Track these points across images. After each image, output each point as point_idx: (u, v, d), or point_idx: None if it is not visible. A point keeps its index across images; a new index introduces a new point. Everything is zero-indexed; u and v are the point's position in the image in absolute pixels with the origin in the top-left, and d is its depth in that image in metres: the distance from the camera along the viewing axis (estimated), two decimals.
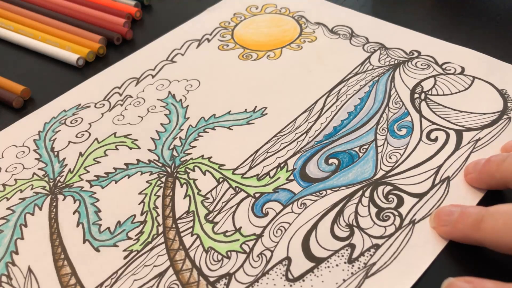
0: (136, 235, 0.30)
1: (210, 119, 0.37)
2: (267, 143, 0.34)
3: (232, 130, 0.36)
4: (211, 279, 0.27)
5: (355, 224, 0.29)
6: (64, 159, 0.35)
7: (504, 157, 0.28)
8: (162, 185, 0.32)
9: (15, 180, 0.34)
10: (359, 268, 0.27)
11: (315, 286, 0.26)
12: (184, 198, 0.31)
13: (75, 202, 0.32)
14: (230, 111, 0.37)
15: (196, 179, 0.33)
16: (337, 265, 0.27)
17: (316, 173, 0.32)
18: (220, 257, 0.28)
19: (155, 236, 0.30)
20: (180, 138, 0.36)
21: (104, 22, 0.47)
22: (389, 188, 0.30)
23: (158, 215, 0.31)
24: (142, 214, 0.31)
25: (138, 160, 0.34)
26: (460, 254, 0.27)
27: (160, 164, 0.34)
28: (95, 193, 0.33)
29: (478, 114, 0.35)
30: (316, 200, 0.30)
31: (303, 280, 0.26)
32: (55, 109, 0.39)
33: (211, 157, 0.34)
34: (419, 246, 0.27)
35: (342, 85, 0.38)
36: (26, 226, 0.31)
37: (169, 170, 0.33)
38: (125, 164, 0.34)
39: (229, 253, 0.28)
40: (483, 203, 0.29)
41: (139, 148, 0.35)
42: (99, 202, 0.32)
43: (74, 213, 0.32)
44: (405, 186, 0.30)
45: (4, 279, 0.28)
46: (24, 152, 0.36)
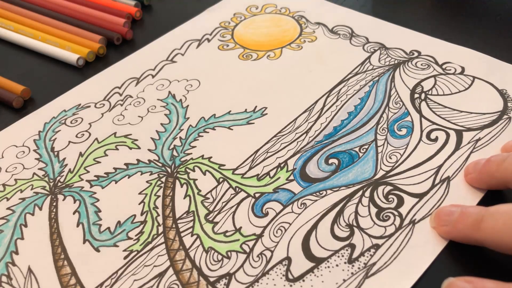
0: (136, 235, 0.30)
1: (210, 119, 0.37)
2: (267, 143, 0.34)
3: (232, 130, 0.36)
4: (211, 279, 0.27)
5: (355, 224, 0.29)
6: (64, 159, 0.35)
7: (504, 157, 0.28)
8: (162, 185, 0.32)
9: (15, 180, 0.34)
10: (359, 268, 0.27)
11: (315, 286, 0.26)
12: (184, 198, 0.31)
13: (75, 202, 0.32)
14: (230, 111, 0.37)
15: (196, 179, 0.33)
16: (337, 265, 0.27)
17: (316, 173, 0.32)
18: (220, 257, 0.28)
19: (155, 236, 0.30)
20: (180, 138, 0.36)
21: (104, 22, 0.47)
22: (389, 188, 0.30)
23: (158, 215, 0.31)
24: (142, 214, 0.31)
25: (138, 160, 0.34)
26: (460, 254, 0.27)
27: (160, 164, 0.34)
28: (95, 193, 0.33)
29: (478, 114, 0.35)
30: (316, 200, 0.30)
31: (303, 280, 0.26)
32: (55, 109, 0.39)
33: (211, 157, 0.34)
34: (419, 246, 0.27)
35: (342, 85, 0.38)
36: (26, 226, 0.31)
37: (169, 170, 0.33)
38: (125, 164, 0.34)
39: (229, 253, 0.28)
40: (483, 203, 0.29)
41: (139, 148, 0.35)
42: (99, 202, 0.32)
43: (74, 213, 0.32)
44: (405, 186, 0.30)
45: (4, 279, 0.28)
46: (24, 152, 0.36)
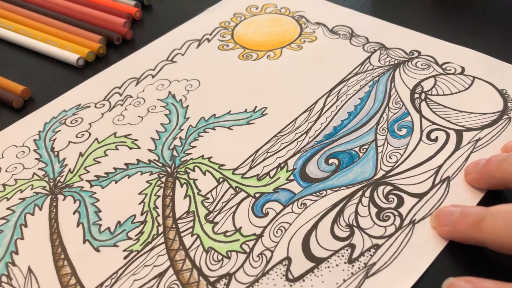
0: (136, 235, 0.30)
1: (210, 119, 0.37)
2: (267, 143, 0.34)
3: (232, 130, 0.36)
4: (211, 279, 0.27)
5: (355, 224, 0.29)
6: (64, 159, 0.35)
7: (504, 157, 0.28)
8: (162, 185, 0.32)
9: (15, 180, 0.34)
10: (359, 268, 0.27)
11: (315, 286, 0.26)
12: (184, 198, 0.31)
13: (75, 202, 0.32)
14: (230, 111, 0.37)
15: (196, 179, 0.33)
16: (337, 265, 0.27)
17: (316, 173, 0.32)
18: (220, 257, 0.28)
19: (155, 236, 0.29)
20: (180, 138, 0.36)
21: (104, 22, 0.47)
22: (389, 188, 0.30)
23: (158, 215, 0.31)
24: (142, 214, 0.31)
25: (138, 160, 0.34)
26: (460, 254, 0.27)
27: (160, 164, 0.34)
28: (95, 193, 0.33)
29: (478, 114, 0.35)
30: (316, 200, 0.30)
31: (303, 280, 0.26)
32: (55, 109, 0.39)
33: (211, 157, 0.34)
34: (419, 246, 0.27)
35: (342, 85, 0.38)
36: (26, 226, 0.31)
37: (169, 170, 0.33)
38: (125, 164, 0.34)
39: (229, 253, 0.28)
40: (483, 203, 0.29)
41: (139, 148, 0.35)
42: (99, 202, 0.32)
43: (74, 213, 0.32)
44: (405, 186, 0.30)
45: (4, 279, 0.28)
46: (24, 152, 0.36)
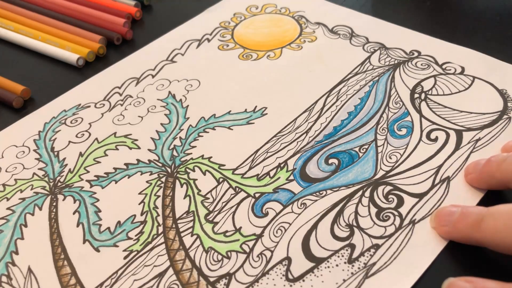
0: (136, 235, 0.30)
1: (210, 119, 0.37)
2: (267, 143, 0.34)
3: (232, 130, 0.36)
4: (211, 279, 0.27)
5: (355, 224, 0.29)
6: (64, 159, 0.35)
7: (504, 157, 0.28)
8: (162, 185, 0.32)
9: (15, 180, 0.34)
10: (359, 268, 0.27)
11: (315, 286, 0.26)
12: (184, 198, 0.31)
13: (75, 202, 0.32)
14: (230, 111, 0.37)
15: (196, 179, 0.33)
16: (337, 265, 0.27)
17: (316, 173, 0.32)
18: (220, 257, 0.28)
19: (155, 236, 0.29)
20: (180, 138, 0.36)
21: (104, 22, 0.47)
22: (389, 188, 0.30)
23: (158, 215, 0.31)
24: (142, 214, 0.31)
25: (138, 160, 0.34)
26: (460, 254, 0.27)
27: (160, 164, 0.34)
28: (95, 193, 0.33)
29: (478, 114, 0.35)
30: (316, 200, 0.30)
31: (303, 280, 0.26)
32: (55, 109, 0.39)
33: (211, 157, 0.34)
34: (419, 246, 0.27)
35: (342, 85, 0.38)
36: (26, 226, 0.31)
37: (169, 170, 0.33)
38: (125, 164, 0.34)
39: (229, 253, 0.28)
40: (483, 203, 0.29)
41: (139, 148, 0.35)
42: (99, 202, 0.32)
43: (74, 213, 0.32)
44: (405, 186, 0.30)
45: (4, 279, 0.28)
46: (24, 152, 0.36)
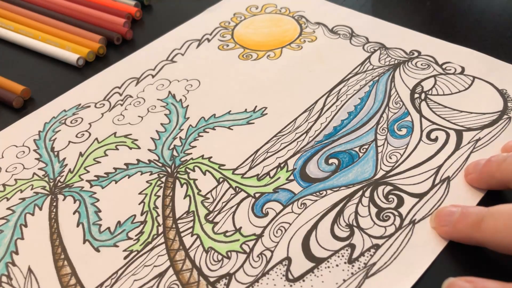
0: (136, 235, 0.30)
1: (210, 119, 0.37)
2: (267, 143, 0.34)
3: (232, 130, 0.36)
4: (211, 279, 0.27)
5: (355, 224, 0.29)
6: (64, 159, 0.35)
7: (504, 157, 0.28)
8: (162, 185, 0.32)
9: (15, 180, 0.34)
10: (359, 268, 0.27)
11: (315, 286, 0.26)
12: (184, 198, 0.31)
13: (75, 202, 0.32)
14: (230, 111, 0.37)
15: (196, 179, 0.33)
16: (337, 265, 0.27)
17: (316, 173, 0.32)
18: (220, 257, 0.28)
19: (155, 236, 0.29)
20: (180, 138, 0.36)
21: (104, 22, 0.47)
22: (389, 188, 0.30)
23: (158, 215, 0.31)
24: (142, 214, 0.31)
25: (138, 160, 0.34)
26: (460, 254, 0.27)
27: (160, 164, 0.34)
28: (95, 193, 0.33)
29: (478, 114, 0.35)
30: (316, 200, 0.30)
31: (303, 280, 0.26)
32: (55, 109, 0.39)
33: (211, 157, 0.34)
34: (419, 246, 0.27)
35: (342, 85, 0.38)
36: (26, 226, 0.31)
37: (169, 170, 0.33)
38: (125, 164, 0.34)
39: (229, 253, 0.28)
40: (483, 203, 0.29)
41: (139, 148, 0.35)
42: (99, 202, 0.32)
43: (74, 213, 0.32)
44: (405, 186, 0.30)
45: (4, 279, 0.28)
46: (24, 152, 0.36)
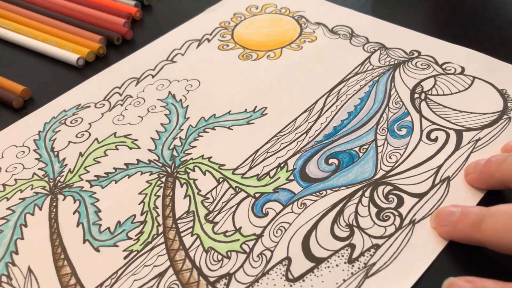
0: (136, 235, 0.30)
1: (210, 119, 0.37)
2: (267, 143, 0.34)
3: (232, 130, 0.36)
4: (211, 279, 0.27)
5: (355, 224, 0.29)
6: (64, 159, 0.35)
7: (504, 157, 0.28)
8: (162, 185, 0.32)
9: (15, 180, 0.34)
10: (359, 268, 0.27)
11: (315, 286, 0.26)
12: (184, 198, 0.31)
13: (75, 202, 0.32)
14: (230, 111, 0.37)
15: (196, 179, 0.33)
16: (337, 265, 0.27)
17: (316, 173, 0.32)
18: (220, 257, 0.28)
19: (155, 236, 0.29)
20: (180, 138, 0.36)
21: (104, 22, 0.47)
22: (389, 188, 0.30)
23: (158, 215, 0.31)
24: (142, 214, 0.31)
25: (138, 160, 0.34)
26: (460, 254, 0.27)
27: (160, 164, 0.34)
28: (95, 193, 0.33)
29: (478, 114, 0.35)
30: (316, 200, 0.30)
31: (303, 280, 0.26)
32: (55, 109, 0.39)
33: (211, 157, 0.34)
34: (419, 246, 0.27)
35: (342, 85, 0.38)
36: (26, 226, 0.31)
37: (169, 170, 0.33)
38: (125, 164, 0.34)
39: (229, 253, 0.28)
40: (483, 203, 0.29)
41: (139, 148, 0.35)
42: (99, 202, 0.32)
43: (74, 213, 0.32)
44: (405, 186, 0.30)
45: (4, 279, 0.28)
46: (24, 152, 0.36)
